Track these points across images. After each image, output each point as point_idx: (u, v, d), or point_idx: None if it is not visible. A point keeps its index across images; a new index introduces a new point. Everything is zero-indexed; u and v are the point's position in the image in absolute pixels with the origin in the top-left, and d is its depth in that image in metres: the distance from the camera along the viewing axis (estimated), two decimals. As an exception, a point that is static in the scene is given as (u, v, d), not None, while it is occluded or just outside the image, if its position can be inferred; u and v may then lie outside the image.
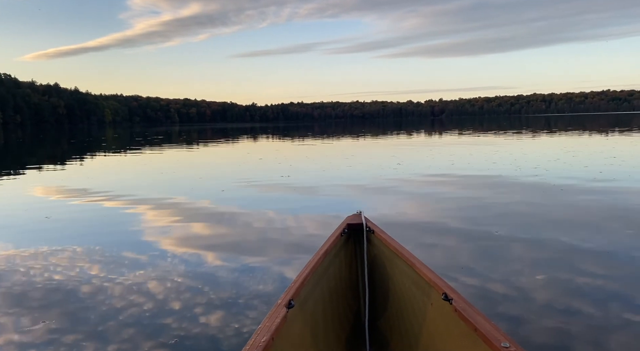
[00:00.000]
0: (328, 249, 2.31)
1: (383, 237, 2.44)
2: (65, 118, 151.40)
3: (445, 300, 1.81)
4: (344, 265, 2.54)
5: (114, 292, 3.42)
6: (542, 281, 3.44)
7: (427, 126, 58.42)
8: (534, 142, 19.81)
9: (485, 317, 1.61)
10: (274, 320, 1.63)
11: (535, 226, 5.09)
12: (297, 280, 1.99)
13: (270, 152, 17.52)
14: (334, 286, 2.37)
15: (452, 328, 1.77)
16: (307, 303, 2.02)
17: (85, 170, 12.49)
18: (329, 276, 2.32)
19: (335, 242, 2.43)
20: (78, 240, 4.94)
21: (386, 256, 2.41)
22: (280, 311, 1.70)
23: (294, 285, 1.93)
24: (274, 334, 1.54)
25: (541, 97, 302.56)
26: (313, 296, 2.11)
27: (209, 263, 4.10)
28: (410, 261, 2.14)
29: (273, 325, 1.59)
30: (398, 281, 2.30)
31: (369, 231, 2.56)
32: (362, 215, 2.69)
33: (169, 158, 16.17)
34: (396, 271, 2.31)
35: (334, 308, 2.31)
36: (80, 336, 2.75)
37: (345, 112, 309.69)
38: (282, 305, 1.76)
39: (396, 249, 2.29)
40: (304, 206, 6.57)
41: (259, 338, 1.50)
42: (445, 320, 1.84)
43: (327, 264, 2.30)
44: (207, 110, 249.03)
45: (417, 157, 13.83)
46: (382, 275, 2.45)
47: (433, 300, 1.96)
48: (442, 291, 1.84)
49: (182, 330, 2.81)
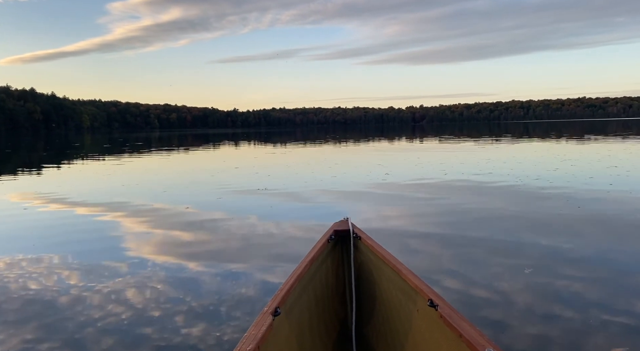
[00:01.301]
0: (315, 256, 2.29)
1: (370, 243, 2.43)
2: (41, 124, 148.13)
3: (430, 306, 1.81)
4: (330, 271, 2.52)
5: (92, 302, 3.34)
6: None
7: (410, 132, 58.81)
8: (523, 149, 19.41)
9: (470, 323, 1.61)
10: (259, 328, 1.60)
11: (581, 255, 4.28)
12: (284, 287, 1.96)
13: (248, 160, 16.83)
14: (321, 293, 2.36)
15: (438, 334, 1.77)
16: (293, 310, 2.00)
17: (60, 177, 12.24)
18: (315, 283, 2.31)
19: (322, 249, 2.41)
20: (55, 248, 4.82)
21: (373, 262, 2.40)
22: (266, 319, 1.68)
23: (280, 293, 1.91)
24: (259, 342, 1.52)
25: (519, 104, 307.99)
26: (299, 303, 2.09)
27: (188, 271, 4.03)
28: (397, 267, 2.14)
29: (259, 333, 1.57)
30: (384, 287, 2.29)
31: (356, 237, 2.54)
32: (349, 221, 2.67)
33: (135, 167, 15.96)
34: (383, 277, 2.30)
35: (320, 315, 2.30)
36: (58, 347, 2.68)
37: (328, 117, 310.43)
38: (268, 312, 1.73)
39: (382, 255, 2.28)
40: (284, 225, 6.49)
41: (245, 347, 1.47)
42: (430, 326, 1.84)
43: (313, 271, 2.29)
44: (187, 116, 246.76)
45: (414, 166, 13.80)
46: (369, 282, 2.44)
47: (419, 306, 1.96)
48: (428, 298, 1.84)
49: (163, 340, 2.75)
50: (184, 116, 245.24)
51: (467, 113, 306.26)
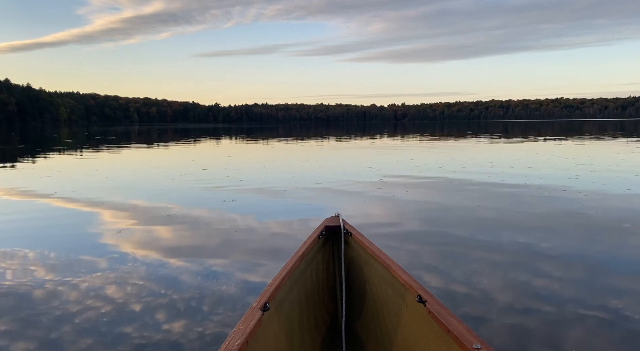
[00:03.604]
0: (305, 251, 2.29)
1: (360, 239, 2.43)
2: (16, 116, 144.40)
3: (419, 302, 1.82)
4: (321, 267, 2.51)
5: (69, 298, 3.24)
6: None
7: (393, 130, 59.11)
8: (524, 149, 18.53)
9: (458, 319, 1.63)
10: (248, 323, 1.60)
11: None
12: (273, 282, 1.96)
13: (220, 159, 14.75)
14: (311, 289, 2.36)
15: (426, 329, 1.78)
16: (283, 305, 2.00)
17: (34, 171, 11.95)
18: (305, 279, 2.31)
19: (313, 244, 2.41)
20: (29, 242, 4.69)
21: (363, 258, 2.40)
22: (255, 314, 1.67)
23: (269, 288, 1.90)
24: (248, 338, 1.52)
25: (499, 104, 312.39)
26: (289, 298, 2.09)
27: (169, 267, 3.95)
28: (386, 263, 2.14)
29: (247, 328, 1.57)
30: (374, 283, 2.30)
31: (347, 233, 2.54)
32: (340, 217, 2.67)
33: (118, 161, 15.69)
34: (373, 273, 2.31)
35: (310, 310, 2.30)
36: (33, 346, 2.59)
37: (310, 114, 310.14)
38: (257, 308, 1.73)
39: (373, 251, 2.29)
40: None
41: (233, 342, 1.47)
42: (419, 322, 1.86)
43: (304, 266, 2.28)
44: (168, 110, 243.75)
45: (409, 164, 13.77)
46: (359, 277, 2.44)
47: (408, 302, 1.97)
48: (417, 293, 1.86)
49: (144, 338, 2.68)
50: (165, 110, 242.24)
51: (448, 112, 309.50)
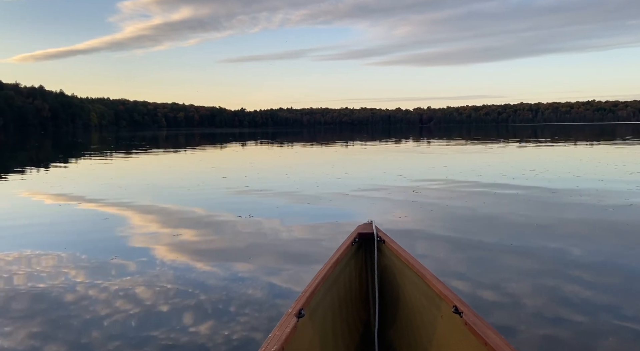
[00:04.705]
0: (339, 258, 2.28)
1: (394, 247, 2.40)
2: (49, 121, 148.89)
3: (455, 312, 1.79)
4: (354, 274, 2.49)
5: (99, 299, 3.31)
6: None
7: (422, 134, 58.34)
8: (563, 153, 17.74)
9: (496, 332, 1.59)
10: (284, 329, 1.61)
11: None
12: (308, 289, 1.97)
13: (241, 167, 13.79)
14: (344, 296, 2.35)
15: (462, 341, 1.75)
16: (317, 312, 2.00)
17: (66, 174, 12.27)
18: (339, 286, 2.30)
19: (346, 251, 2.40)
20: (62, 245, 4.80)
21: (397, 266, 2.38)
22: (291, 321, 1.68)
23: (304, 294, 1.91)
24: (284, 344, 1.53)
25: (528, 107, 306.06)
26: (323, 305, 2.08)
27: (196, 271, 4.00)
28: (421, 272, 2.12)
29: (283, 334, 1.57)
30: (408, 292, 2.28)
31: (380, 241, 2.52)
32: (373, 224, 2.64)
33: (146, 165, 15.94)
34: (406, 282, 2.29)
35: (343, 318, 2.29)
36: (64, 346, 2.65)
37: (335, 118, 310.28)
38: (292, 314, 1.74)
39: (407, 260, 2.26)
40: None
41: (269, 348, 1.48)
42: (455, 333, 1.82)
43: (337, 273, 2.28)
44: (195, 115, 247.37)
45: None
46: (393, 286, 2.41)
47: (443, 313, 1.94)
48: (453, 304, 1.82)
49: (171, 340, 2.72)
50: (192, 115, 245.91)
51: (475, 116, 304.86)
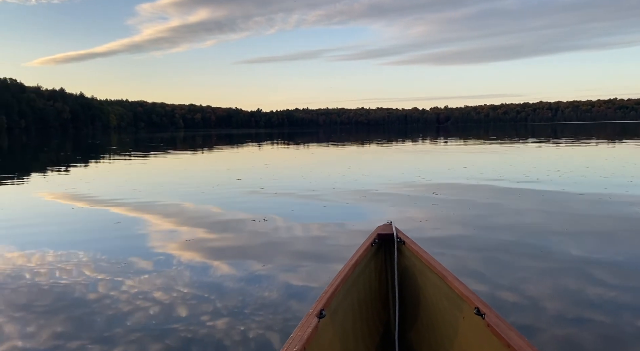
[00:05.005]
0: (359, 259, 2.29)
1: (414, 248, 2.40)
2: (69, 123, 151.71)
3: (477, 314, 1.78)
4: (374, 275, 2.48)
5: (119, 298, 3.36)
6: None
7: (440, 134, 57.77)
8: (586, 153, 17.19)
9: (519, 333, 1.58)
10: (305, 329, 1.62)
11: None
12: (328, 289, 1.97)
13: (257, 168, 13.32)
14: (364, 297, 2.35)
15: (484, 343, 1.74)
16: (337, 313, 2.00)
17: (85, 175, 12.43)
18: (359, 287, 2.30)
19: (366, 252, 2.40)
20: (84, 245, 4.87)
21: (417, 267, 2.38)
22: (312, 321, 1.69)
23: (324, 295, 1.92)
24: (305, 344, 1.54)
25: (547, 105, 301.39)
26: (343, 306, 2.09)
27: (214, 268, 4.02)
28: (442, 273, 2.12)
29: (305, 334, 1.58)
30: (429, 293, 2.27)
31: (400, 242, 2.50)
32: (393, 225, 2.63)
33: (163, 166, 16.05)
34: (427, 283, 2.28)
35: (363, 318, 2.29)
36: (85, 341, 2.69)
37: (350, 118, 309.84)
38: (314, 314, 1.75)
39: (427, 261, 2.25)
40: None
41: (291, 348, 1.50)
42: (477, 335, 1.81)
43: (357, 274, 2.28)
44: (212, 116, 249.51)
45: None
46: (413, 287, 2.41)
47: (465, 314, 1.93)
48: (475, 306, 1.82)
49: (189, 336, 2.75)
50: (209, 116, 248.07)
51: (493, 115, 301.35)
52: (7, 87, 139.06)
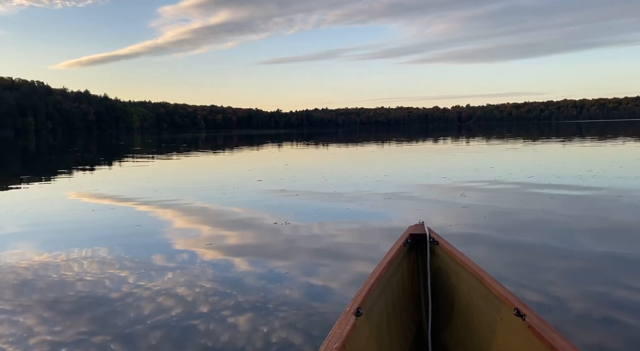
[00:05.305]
0: (392, 259, 2.28)
1: (448, 249, 2.38)
2: (94, 125, 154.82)
3: (517, 315, 1.75)
4: (406, 275, 2.48)
5: (142, 296, 3.40)
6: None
7: (463, 132, 56.88)
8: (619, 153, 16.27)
9: (562, 335, 1.55)
10: (344, 326, 1.64)
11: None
12: (363, 288, 1.98)
13: (277, 169, 12.89)
14: (397, 297, 2.35)
15: (524, 344, 1.72)
16: (372, 312, 2.01)
17: (109, 176, 12.56)
18: (392, 286, 2.30)
19: (399, 252, 2.40)
20: (108, 243, 4.93)
21: (451, 268, 2.36)
22: (350, 319, 1.71)
23: (360, 294, 1.93)
24: (344, 341, 1.55)
25: (572, 103, 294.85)
26: (378, 305, 2.09)
27: (236, 267, 4.03)
28: (478, 274, 2.09)
29: (344, 331, 1.60)
30: (464, 294, 2.25)
31: (433, 242, 2.49)
32: (425, 225, 2.61)
33: (187, 166, 16.07)
34: (462, 283, 2.26)
35: (397, 318, 2.29)
36: (109, 340, 2.73)
37: (370, 118, 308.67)
38: (351, 312, 1.76)
39: (462, 261, 2.23)
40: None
41: (331, 344, 1.51)
42: (516, 336, 1.79)
43: (390, 274, 2.28)
44: (233, 117, 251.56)
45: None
46: (446, 287, 2.39)
47: (503, 315, 1.91)
48: (514, 307, 1.79)
49: (211, 335, 2.75)
50: (230, 117, 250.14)
51: (516, 113, 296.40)
52: (35, 89, 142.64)
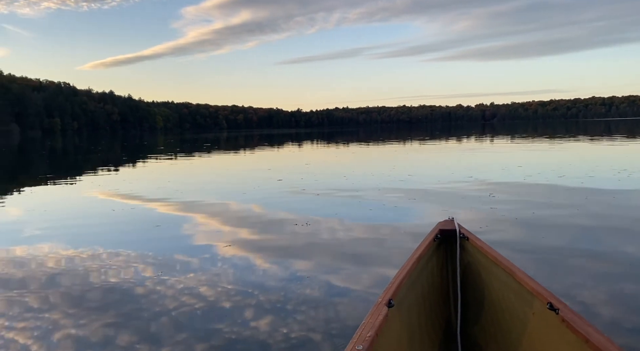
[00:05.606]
0: (422, 254, 2.30)
1: (478, 244, 2.38)
2: (118, 125, 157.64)
3: (550, 309, 1.75)
4: (435, 270, 2.49)
5: (166, 294, 3.43)
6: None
7: (487, 131, 55.86)
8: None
9: (596, 329, 1.53)
10: (376, 317, 1.66)
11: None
12: (395, 281, 2.00)
13: (297, 168, 13.06)
14: (427, 291, 2.36)
15: (558, 338, 1.71)
16: (403, 304, 2.02)
17: (133, 175, 12.70)
18: (422, 281, 2.32)
19: (428, 247, 2.41)
20: (131, 242, 4.99)
21: (481, 263, 2.36)
22: (382, 309, 1.73)
23: (391, 286, 1.95)
24: (377, 330, 1.58)
25: (601, 101, 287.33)
26: (408, 298, 2.11)
27: (256, 267, 4.04)
28: (510, 269, 2.08)
29: (377, 321, 1.62)
30: (494, 289, 2.24)
31: (463, 237, 2.49)
32: (455, 221, 2.61)
33: (208, 166, 16.02)
34: (492, 279, 2.25)
35: (427, 312, 2.30)
36: (134, 338, 2.77)
37: (392, 116, 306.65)
38: (383, 303, 1.78)
39: (493, 257, 2.22)
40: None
41: (364, 333, 1.53)
42: (550, 330, 1.78)
43: (420, 268, 2.29)
44: (253, 117, 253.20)
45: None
46: (476, 283, 2.39)
47: (535, 309, 1.90)
48: (547, 301, 1.78)
49: (233, 333, 2.77)
50: (250, 117, 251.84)
51: (542, 111, 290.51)
52: (61, 90, 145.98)
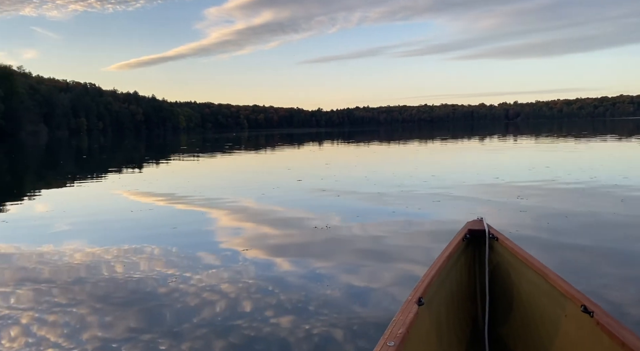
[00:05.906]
0: (451, 253, 2.30)
1: (508, 245, 2.36)
2: (142, 125, 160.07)
3: (584, 312, 1.71)
4: (464, 270, 2.49)
5: (188, 291, 3.47)
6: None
7: (511, 130, 54.78)
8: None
9: (633, 332, 1.49)
10: (407, 314, 1.67)
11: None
12: (424, 279, 2.01)
13: (317, 168, 12.81)
14: (456, 290, 2.36)
15: (592, 342, 1.68)
16: (432, 303, 2.03)
17: (156, 174, 12.86)
18: (451, 280, 2.32)
19: (457, 247, 2.41)
20: (153, 240, 5.05)
21: (511, 264, 2.34)
22: (412, 307, 1.74)
23: (421, 284, 1.95)
24: (408, 327, 1.59)
25: (629, 99, 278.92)
26: (437, 297, 2.11)
27: (277, 267, 4.06)
28: (541, 270, 2.06)
29: (407, 319, 1.63)
30: (524, 290, 2.22)
31: (492, 238, 2.47)
32: (484, 221, 2.59)
33: (233, 164, 15.98)
34: (522, 280, 2.24)
35: (455, 311, 2.31)
36: (156, 334, 2.82)
37: (413, 116, 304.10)
38: (413, 301, 1.79)
39: (524, 258, 2.20)
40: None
41: (395, 330, 1.54)
42: (583, 333, 1.74)
43: (449, 268, 2.29)
44: (274, 116, 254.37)
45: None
46: (505, 283, 2.38)
47: (568, 312, 1.87)
48: (581, 303, 1.75)
49: (253, 330, 2.80)
50: (271, 116, 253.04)
51: (567, 110, 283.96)
52: (87, 91, 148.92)
